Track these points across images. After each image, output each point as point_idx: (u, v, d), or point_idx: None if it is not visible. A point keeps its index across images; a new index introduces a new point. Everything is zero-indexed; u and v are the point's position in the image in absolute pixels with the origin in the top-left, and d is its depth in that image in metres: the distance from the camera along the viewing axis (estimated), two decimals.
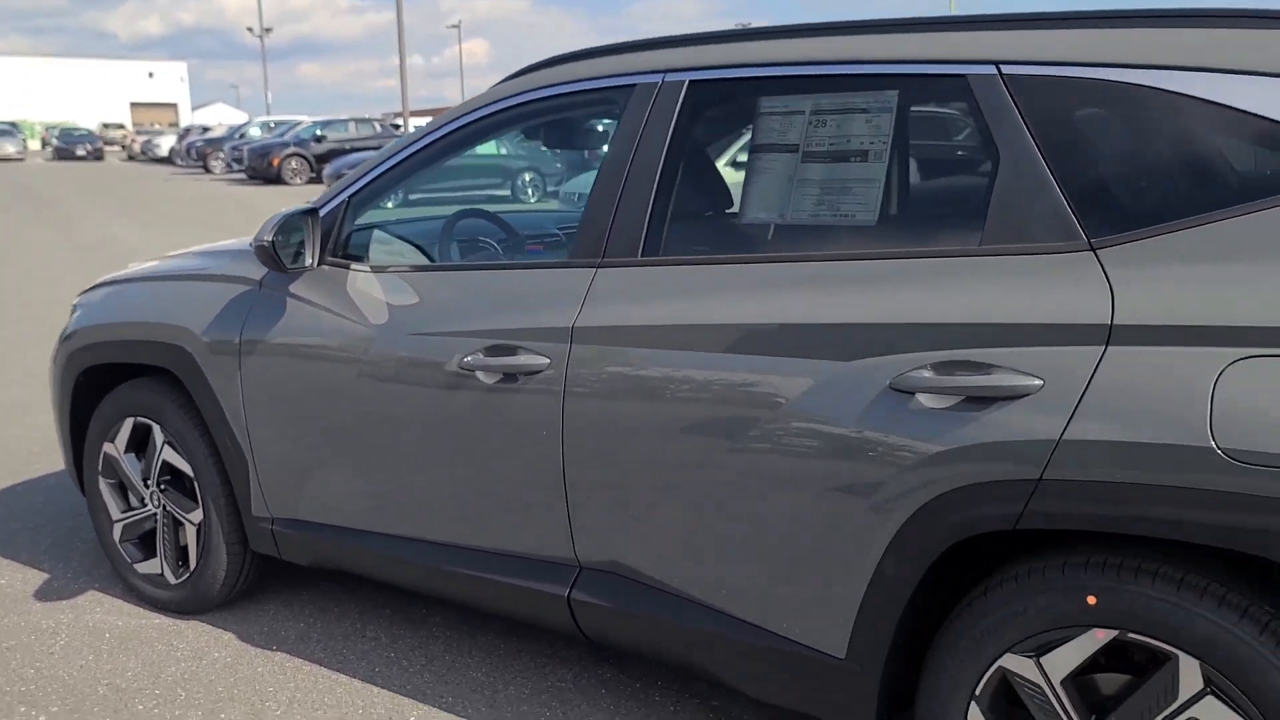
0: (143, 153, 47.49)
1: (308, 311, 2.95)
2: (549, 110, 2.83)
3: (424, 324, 2.74)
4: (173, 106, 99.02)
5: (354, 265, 2.94)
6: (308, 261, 2.93)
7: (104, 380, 3.58)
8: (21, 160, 47.61)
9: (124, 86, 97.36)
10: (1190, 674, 1.84)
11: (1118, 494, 1.84)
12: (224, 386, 3.11)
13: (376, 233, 3.09)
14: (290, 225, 2.88)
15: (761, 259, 2.33)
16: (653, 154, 2.50)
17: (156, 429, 3.37)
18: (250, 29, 60.74)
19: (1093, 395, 1.86)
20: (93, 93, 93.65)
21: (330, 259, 2.97)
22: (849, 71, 2.30)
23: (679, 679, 3.01)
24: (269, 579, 3.67)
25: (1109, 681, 1.99)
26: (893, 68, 2.25)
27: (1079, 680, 1.99)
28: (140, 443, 3.47)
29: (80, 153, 48.05)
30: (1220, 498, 1.75)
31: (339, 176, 18.89)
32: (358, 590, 3.62)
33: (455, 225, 3.41)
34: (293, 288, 3.00)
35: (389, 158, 2.98)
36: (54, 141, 51.04)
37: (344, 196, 3.00)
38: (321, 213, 2.98)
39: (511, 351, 2.56)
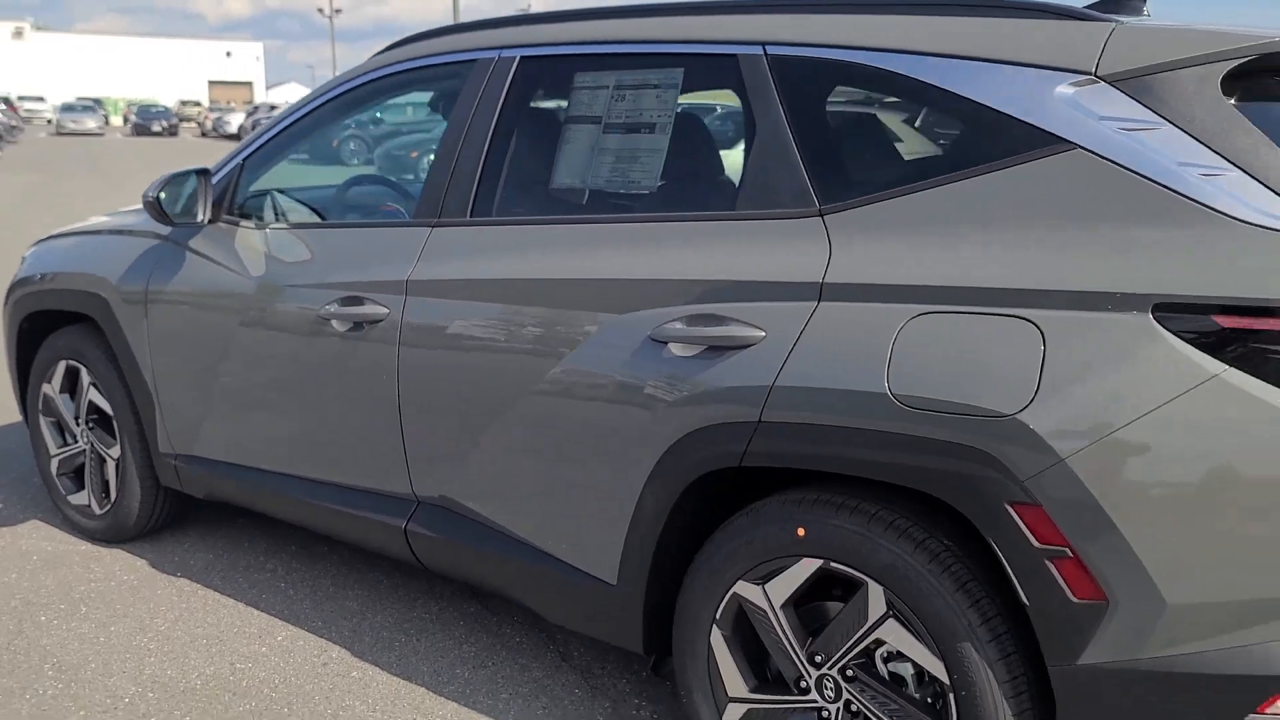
0: (214, 129, 48.76)
1: (201, 264, 3.23)
2: (411, 82, 3.06)
3: (296, 277, 2.99)
4: (248, 85, 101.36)
5: (244, 223, 3.20)
6: (199, 217, 3.20)
7: (47, 325, 3.90)
8: (101, 135, 49.10)
9: (203, 65, 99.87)
10: (877, 599, 2.04)
11: (816, 435, 2.03)
12: (134, 332, 3.40)
13: (272, 194, 3.35)
14: (176, 183, 3.15)
15: (564, 220, 2.55)
16: (485, 123, 2.72)
17: (84, 371, 3.67)
18: (321, 10, 61.95)
19: (803, 345, 2.06)
20: (174, 71, 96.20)
21: (226, 216, 3.24)
22: (644, 50, 2.51)
23: (533, 616, 3.24)
24: (199, 515, 3.97)
25: (826, 608, 2.18)
26: (679, 47, 2.45)
27: (799, 606, 2.19)
28: (72, 384, 3.78)
29: (156, 128, 49.45)
30: (891, 439, 1.93)
31: (391, 159, 19.07)
32: (272, 529, 3.91)
33: (349, 189, 3.66)
34: (191, 242, 3.28)
35: (276, 124, 3.24)
36: (133, 117, 52.60)
37: (239, 159, 3.27)
38: (216, 174, 3.25)
39: (359, 302, 2.80)
